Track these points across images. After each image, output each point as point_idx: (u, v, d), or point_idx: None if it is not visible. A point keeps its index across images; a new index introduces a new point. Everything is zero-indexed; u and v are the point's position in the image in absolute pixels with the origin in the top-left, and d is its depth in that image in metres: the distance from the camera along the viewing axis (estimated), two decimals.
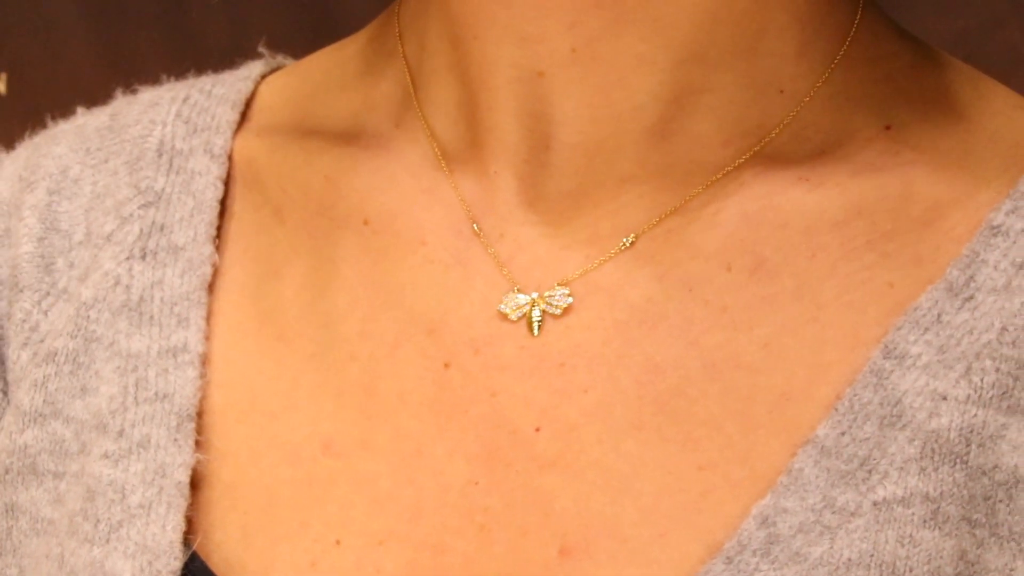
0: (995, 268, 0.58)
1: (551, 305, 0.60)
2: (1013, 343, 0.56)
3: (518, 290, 0.61)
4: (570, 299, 0.60)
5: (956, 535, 0.55)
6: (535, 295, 0.61)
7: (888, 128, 0.61)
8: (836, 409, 0.57)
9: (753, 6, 0.60)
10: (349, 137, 0.66)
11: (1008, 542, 0.55)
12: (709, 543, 0.56)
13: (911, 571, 0.54)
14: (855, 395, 0.57)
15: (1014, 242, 0.58)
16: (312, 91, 0.69)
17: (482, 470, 0.59)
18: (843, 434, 0.56)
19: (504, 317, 0.61)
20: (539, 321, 0.60)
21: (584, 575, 0.57)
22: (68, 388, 0.65)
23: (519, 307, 0.61)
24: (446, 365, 0.61)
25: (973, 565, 0.55)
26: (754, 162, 0.61)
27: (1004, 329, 0.56)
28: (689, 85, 0.60)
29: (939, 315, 0.57)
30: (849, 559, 0.54)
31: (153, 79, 0.71)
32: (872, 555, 0.54)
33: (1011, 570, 0.54)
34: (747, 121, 0.61)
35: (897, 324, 0.57)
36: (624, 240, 0.60)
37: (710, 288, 0.60)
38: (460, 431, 0.60)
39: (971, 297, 0.57)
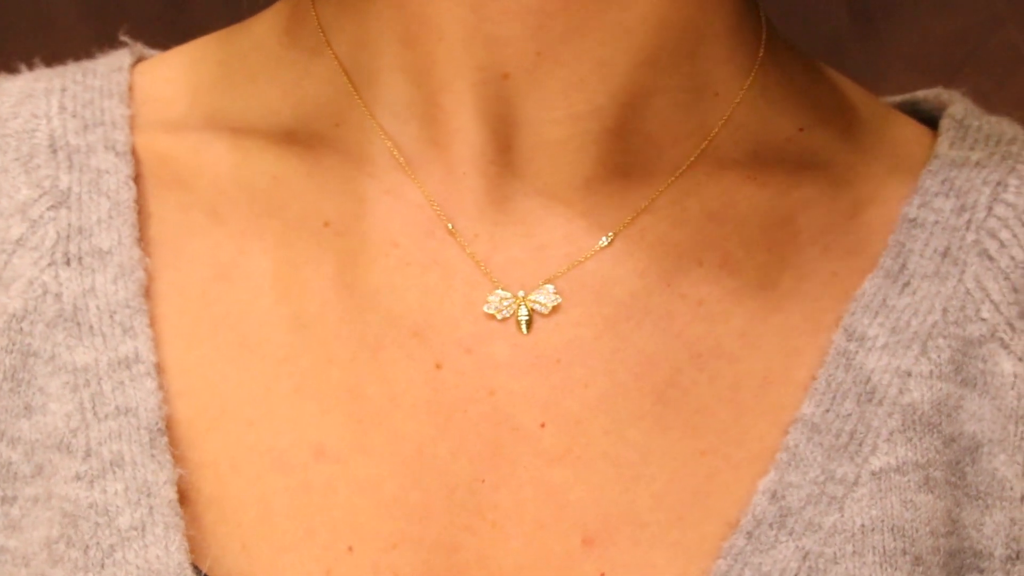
0: (921, 256, 0.64)
1: (538, 304, 0.62)
2: (956, 322, 0.63)
3: (502, 289, 0.62)
4: (558, 298, 0.62)
5: (943, 497, 0.61)
6: (521, 294, 0.62)
7: (801, 130, 0.66)
8: (815, 389, 0.62)
9: (696, 13, 0.63)
10: (285, 136, 0.64)
11: (976, 500, 0.62)
12: (726, 521, 0.60)
13: (916, 532, 0.60)
14: (829, 375, 0.62)
15: (932, 233, 0.65)
16: (208, 84, 0.66)
17: (487, 467, 0.60)
18: (827, 411, 0.61)
19: (490, 317, 0.62)
20: (527, 319, 0.62)
21: (610, 562, 0.59)
22: (10, 408, 0.60)
23: (505, 307, 0.62)
24: (438, 366, 0.61)
25: (955, 523, 0.61)
26: (704, 161, 0.64)
27: (946, 310, 0.63)
28: (642, 87, 0.63)
29: (884, 300, 0.63)
30: (863, 525, 0.59)
31: None
32: (883, 520, 0.60)
33: (980, 524, 0.61)
34: (690, 122, 0.64)
35: (850, 310, 0.63)
36: (603, 239, 0.63)
37: (686, 282, 0.63)
38: (460, 431, 0.60)
39: (908, 283, 0.64)
